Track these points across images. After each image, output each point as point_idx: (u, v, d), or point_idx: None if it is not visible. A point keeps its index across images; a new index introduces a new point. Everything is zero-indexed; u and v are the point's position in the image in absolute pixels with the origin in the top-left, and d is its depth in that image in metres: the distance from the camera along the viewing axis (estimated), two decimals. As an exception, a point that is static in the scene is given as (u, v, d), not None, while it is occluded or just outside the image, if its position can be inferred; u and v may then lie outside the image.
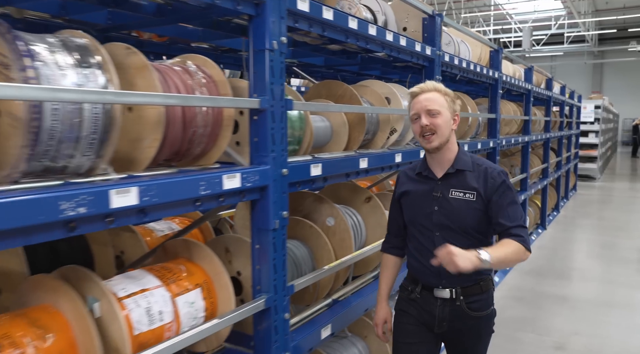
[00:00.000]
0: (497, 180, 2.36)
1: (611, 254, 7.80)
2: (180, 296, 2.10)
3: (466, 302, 2.41)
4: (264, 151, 2.17)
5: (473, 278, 2.40)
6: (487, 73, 5.53)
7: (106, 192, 1.52)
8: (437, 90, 2.37)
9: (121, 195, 1.55)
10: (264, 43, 2.13)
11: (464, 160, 2.42)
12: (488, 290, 2.47)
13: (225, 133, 2.19)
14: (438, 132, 2.32)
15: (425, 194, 2.43)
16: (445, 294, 2.41)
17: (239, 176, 1.99)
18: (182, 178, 1.79)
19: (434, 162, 2.44)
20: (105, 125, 1.70)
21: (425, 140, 2.33)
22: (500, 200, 2.34)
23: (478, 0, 25.65)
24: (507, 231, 2.31)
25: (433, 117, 2.31)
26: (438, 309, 2.43)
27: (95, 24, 2.61)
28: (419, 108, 2.34)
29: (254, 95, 2.18)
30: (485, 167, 2.41)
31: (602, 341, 4.69)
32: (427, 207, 2.42)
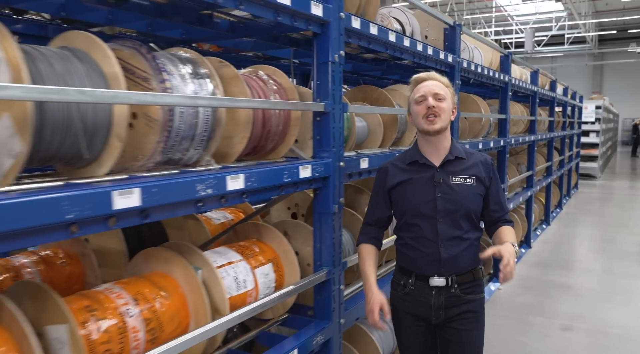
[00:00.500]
0: (490, 167, 2.49)
1: (612, 247, 8.20)
2: (258, 268, 2.51)
3: (460, 289, 2.44)
4: (326, 147, 2.58)
5: (467, 267, 2.46)
6: (498, 77, 5.94)
7: (224, 178, 1.93)
8: (441, 81, 2.44)
9: (233, 181, 1.96)
10: (327, 56, 2.55)
11: (458, 148, 2.49)
12: (480, 277, 2.53)
13: (293, 132, 2.60)
14: (442, 115, 2.36)
15: (425, 182, 2.43)
16: (440, 282, 2.42)
17: (310, 167, 2.41)
18: (272, 167, 2.20)
19: (431, 149, 2.45)
20: (213, 125, 2.11)
21: (429, 121, 2.36)
22: (493, 187, 2.48)
23: (480, 2, 26.07)
24: (502, 218, 2.51)
25: (439, 101, 2.36)
26: (433, 298, 2.44)
27: (169, 37, 3.02)
28: (425, 91, 2.37)
29: (317, 99, 2.60)
30: (476, 155, 2.52)
31: (605, 323, 5.09)
32: (429, 195, 2.41)
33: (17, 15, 2.50)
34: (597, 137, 17.13)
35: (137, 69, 1.91)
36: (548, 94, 9.28)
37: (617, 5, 26.31)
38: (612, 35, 31.15)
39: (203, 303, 2.10)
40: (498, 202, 2.50)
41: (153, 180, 1.69)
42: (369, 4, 3.32)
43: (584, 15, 25.90)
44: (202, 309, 2.11)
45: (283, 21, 2.31)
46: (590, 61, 33.88)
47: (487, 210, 2.50)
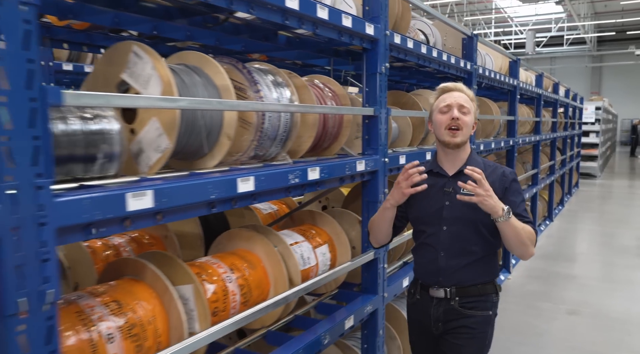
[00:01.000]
0: (508, 177, 2.42)
1: (612, 242, 8.72)
2: (317, 248, 2.96)
3: (460, 302, 2.41)
4: (374, 145, 3.03)
5: (471, 280, 2.42)
6: (508, 81, 6.39)
7: (305, 170, 2.37)
8: (467, 94, 2.45)
9: (312, 172, 2.40)
10: (376, 68, 2.99)
11: (476, 160, 2.46)
12: (488, 294, 2.45)
13: (345, 132, 3.05)
14: (464, 129, 2.36)
15: (436, 190, 2.43)
16: (440, 294, 2.42)
17: (364, 162, 2.85)
18: (338, 162, 2.65)
19: (447, 160, 2.46)
20: (290, 127, 2.56)
21: (451, 133, 2.36)
22: (509, 197, 2.37)
23: (479, 4, 26.53)
24: (522, 221, 2.33)
25: (463, 114, 2.36)
26: (433, 309, 2.44)
27: (229, 49, 3.46)
28: (452, 102, 2.38)
29: (366, 104, 3.04)
30: (495, 166, 2.48)
31: (608, 308, 5.58)
32: (438, 202, 2.43)
33: (113, 33, 2.94)
34: (597, 137, 17.59)
35: (235, 82, 2.35)
36: (551, 96, 9.76)
37: (615, 7, 26.77)
38: (611, 36, 31.60)
39: (282, 274, 2.55)
40: (518, 209, 2.37)
41: (258, 170, 2.14)
42: (402, 19, 3.77)
43: (583, 17, 26.37)
44: (281, 279, 2.55)
45: (344, 40, 2.75)
46: (590, 63, 34.35)
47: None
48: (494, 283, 2.50)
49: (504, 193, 2.37)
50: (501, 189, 2.37)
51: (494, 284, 2.50)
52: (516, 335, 4.85)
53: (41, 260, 1.31)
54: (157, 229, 2.97)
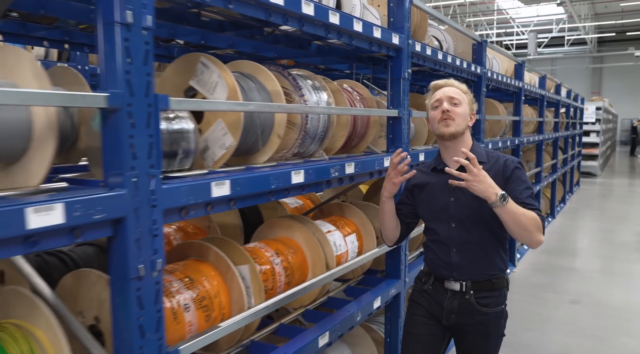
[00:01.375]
0: (510, 166, 2.40)
1: (612, 237, 9.06)
2: (347, 236, 3.25)
3: (475, 297, 2.43)
4: (398, 143, 3.33)
5: (485, 274, 2.45)
6: (513, 83, 6.68)
7: (343, 165, 2.67)
8: (459, 87, 2.46)
9: (349, 167, 2.71)
10: (400, 74, 3.29)
11: (479, 152, 2.43)
12: (500, 288, 2.50)
13: (372, 132, 3.35)
14: (457, 119, 2.36)
15: (441, 186, 2.45)
16: (455, 286, 2.45)
17: (389, 159, 3.14)
18: (369, 159, 2.95)
19: (449, 155, 2.47)
20: (327, 127, 2.86)
21: (443, 123, 2.37)
22: (512, 185, 2.35)
23: (482, 4, 26.79)
24: (526, 207, 2.29)
25: (454, 105, 2.38)
26: (447, 301, 2.47)
27: (262, 56, 3.76)
28: (441, 96, 2.41)
29: (390, 107, 3.34)
30: (498, 156, 2.47)
31: (608, 297, 5.94)
32: (443, 199, 2.45)
33: (163, 42, 3.25)
34: (597, 137, 17.90)
35: (283, 88, 2.65)
36: (554, 97, 10.07)
37: (615, 8, 27.02)
38: (611, 37, 31.86)
39: (320, 258, 2.85)
40: (522, 197, 2.33)
41: (306, 165, 2.44)
42: (420, 27, 4.07)
43: (584, 18, 26.62)
44: (319, 263, 2.85)
45: (374, 49, 3.05)
46: (590, 64, 34.62)
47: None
48: (505, 276, 2.54)
49: (506, 182, 2.36)
50: (503, 178, 2.36)
51: (505, 277, 2.54)
52: (523, 322, 5.17)
53: (152, 235, 1.61)
54: (201, 220, 3.27)
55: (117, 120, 1.49)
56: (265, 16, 2.11)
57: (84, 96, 1.44)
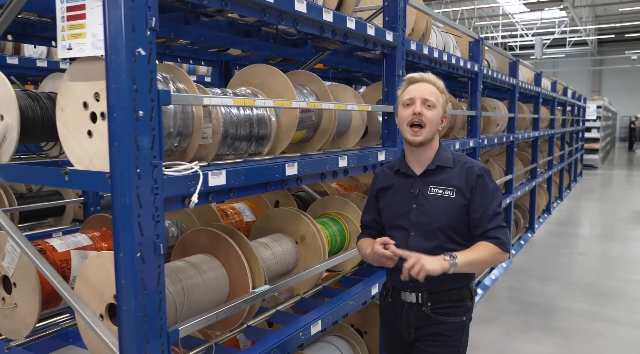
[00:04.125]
0: (475, 175, 2.11)
1: (611, 214, 10.14)
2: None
3: (432, 308, 2.15)
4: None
5: (444, 285, 2.13)
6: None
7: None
8: (436, 85, 2.14)
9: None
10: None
11: (445, 156, 2.16)
12: (462, 299, 2.18)
13: (458, 125, 3.34)
14: (427, 126, 2.07)
15: (404, 192, 2.18)
16: (411, 298, 2.17)
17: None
18: (467, 140, 2.94)
19: (413, 158, 2.18)
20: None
21: (412, 131, 2.08)
22: (477, 198, 2.09)
23: (488, 8, 26.55)
24: (485, 234, 2.07)
25: (428, 108, 2.07)
26: (405, 314, 2.19)
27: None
28: (415, 95, 2.09)
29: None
30: (464, 162, 2.16)
31: (609, 251, 7.32)
32: (405, 206, 2.16)
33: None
34: (598, 133, 18.07)
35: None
36: (562, 98, 10.79)
37: (614, 11, 26.62)
38: (611, 38, 31.41)
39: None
40: (483, 216, 2.08)
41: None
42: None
43: (585, 20, 26.26)
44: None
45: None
46: (591, 65, 34.21)
47: (470, 224, 2.12)
48: (469, 287, 2.22)
49: (472, 192, 2.09)
50: (469, 187, 2.09)
51: (469, 288, 2.22)
52: (545, 265, 6.52)
53: (155, 221, 1.62)
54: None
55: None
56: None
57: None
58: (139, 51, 1.53)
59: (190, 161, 1.88)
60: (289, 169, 2.22)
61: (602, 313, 4.89)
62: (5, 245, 2.08)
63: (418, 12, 3.80)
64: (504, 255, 2.08)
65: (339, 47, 3.26)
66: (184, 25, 2.52)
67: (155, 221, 1.62)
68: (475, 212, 2.09)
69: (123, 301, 1.61)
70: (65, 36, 1.73)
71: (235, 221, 3.09)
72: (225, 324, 2.33)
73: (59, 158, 2.28)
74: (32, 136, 2.09)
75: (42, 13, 2.22)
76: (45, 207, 3.91)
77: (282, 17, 2.23)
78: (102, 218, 2.53)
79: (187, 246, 2.39)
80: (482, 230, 2.08)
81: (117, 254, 1.61)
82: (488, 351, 4.08)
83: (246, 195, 2.10)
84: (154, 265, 1.63)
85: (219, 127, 2.10)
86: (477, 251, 2.04)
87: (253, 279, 2.27)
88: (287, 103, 2.28)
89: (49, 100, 2.15)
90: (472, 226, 2.11)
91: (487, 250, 2.04)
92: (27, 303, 2.05)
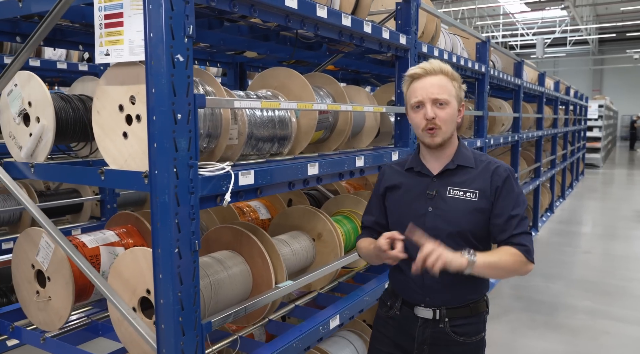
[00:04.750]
0: (502, 176, 1.89)
1: (613, 213, 10.24)
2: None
3: (451, 325, 1.93)
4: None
5: (463, 299, 1.95)
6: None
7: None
8: (444, 72, 1.86)
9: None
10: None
11: (466, 155, 1.94)
12: (479, 313, 1.99)
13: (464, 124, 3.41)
14: (444, 127, 1.84)
15: (418, 193, 1.95)
16: (427, 314, 1.94)
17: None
18: (473, 139, 3.02)
19: (431, 157, 1.95)
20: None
21: (429, 134, 1.85)
22: (502, 202, 1.87)
23: (489, 8, 26.58)
24: (509, 240, 1.86)
25: (440, 108, 1.82)
26: (418, 330, 1.96)
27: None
28: (423, 96, 1.83)
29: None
30: (488, 162, 1.94)
31: (613, 250, 7.40)
32: (419, 208, 1.92)
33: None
34: (600, 132, 18.18)
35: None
36: (565, 98, 10.85)
37: (615, 10, 26.66)
38: (612, 37, 31.45)
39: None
40: (505, 221, 1.87)
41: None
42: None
43: (586, 20, 26.29)
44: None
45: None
46: (592, 65, 34.27)
47: (492, 230, 1.91)
48: (485, 299, 2.04)
49: (496, 195, 1.88)
50: (493, 189, 1.88)
51: (485, 300, 2.04)
52: (549, 264, 6.56)
53: (191, 219, 1.70)
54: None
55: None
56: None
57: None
58: (177, 57, 1.62)
59: (217, 161, 1.96)
60: (311, 169, 2.30)
61: (608, 311, 4.97)
62: (40, 241, 2.16)
63: (428, 15, 3.88)
64: (529, 266, 1.85)
65: (352, 49, 3.34)
66: (207, 30, 2.61)
67: (191, 219, 1.70)
68: (499, 216, 1.87)
69: (161, 295, 1.70)
70: (103, 42, 1.82)
71: (251, 218, 3.17)
72: (248, 318, 2.42)
73: (89, 158, 2.37)
74: (65, 137, 2.18)
75: (75, 19, 2.29)
76: (65, 204, 4.00)
77: (304, 22, 2.31)
78: (126, 216, 2.61)
79: (211, 242, 2.48)
80: (507, 235, 1.86)
81: (155, 250, 1.69)
82: (496, 347, 4.15)
83: (271, 194, 2.17)
84: (190, 261, 1.71)
85: (244, 128, 2.18)
86: (500, 254, 1.82)
87: (275, 275, 2.35)
88: (309, 106, 2.37)
89: (80, 102, 2.24)
90: (496, 232, 1.89)
91: (512, 256, 1.82)
92: (61, 296, 2.14)
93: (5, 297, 3.93)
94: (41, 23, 1.89)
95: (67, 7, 1.83)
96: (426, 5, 3.62)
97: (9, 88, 2.18)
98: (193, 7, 1.66)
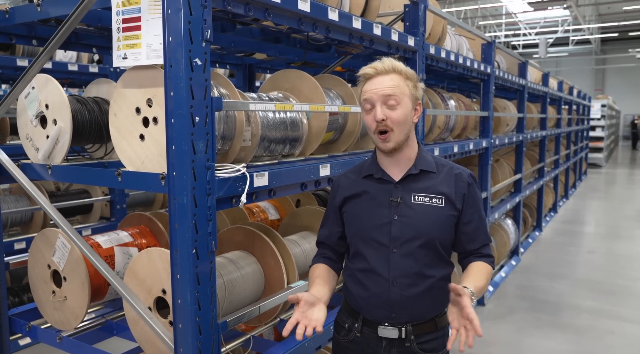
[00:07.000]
0: (465, 182, 1.81)
1: (617, 212, 10.26)
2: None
3: (417, 342, 1.79)
4: (487, 133, 3.43)
5: (429, 313, 1.81)
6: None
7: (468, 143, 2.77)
8: (396, 71, 1.73)
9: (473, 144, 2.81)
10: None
11: (427, 159, 1.83)
12: (443, 326, 1.85)
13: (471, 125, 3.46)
14: (396, 129, 1.70)
15: (380, 201, 1.79)
16: (392, 333, 1.78)
17: (484, 141, 3.27)
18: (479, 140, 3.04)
19: (390, 162, 1.80)
20: (455, 123, 2.96)
21: (381, 139, 1.71)
22: (469, 210, 1.80)
23: (491, 8, 26.56)
24: (479, 251, 1.83)
25: (391, 108, 1.69)
26: (383, 351, 1.80)
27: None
28: (373, 95, 1.70)
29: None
30: (450, 167, 1.84)
31: (617, 249, 7.41)
32: (383, 217, 1.77)
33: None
34: (603, 131, 18.19)
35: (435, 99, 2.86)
36: (568, 98, 10.89)
37: (617, 9, 26.63)
38: (614, 37, 31.43)
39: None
40: (474, 229, 1.81)
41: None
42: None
43: (588, 19, 26.27)
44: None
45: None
46: (594, 64, 34.25)
47: (459, 239, 1.83)
48: (445, 311, 1.85)
49: (463, 203, 1.79)
50: (459, 195, 1.78)
51: (445, 312, 1.85)
52: (553, 263, 6.64)
53: (208, 220, 1.72)
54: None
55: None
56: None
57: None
58: (195, 61, 1.64)
59: (231, 163, 1.99)
60: (322, 170, 2.33)
61: (613, 311, 4.99)
62: (56, 242, 2.19)
63: (435, 17, 3.90)
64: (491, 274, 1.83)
65: (361, 51, 3.36)
66: (220, 33, 2.63)
67: (208, 220, 1.72)
68: (468, 225, 1.80)
69: (178, 295, 1.72)
70: (121, 46, 1.84)
71: (261, 219, 3.20)
72: (260, 318, 2.44)
73: (104, 160, 2.39)
74: (81, 139, 2.20)
75: (91, 23, 2.32)
76: (76, 205, 4.03)
77: (316, 25, 2.34)
78: (139, 216, 2.63)
79: (223, 243, 2.50)
80: (478, 245, 1.82)
81: (173, 250, 1.71)
82: (502, 346, 4.18)
83: (284, 195, 2.19)
84: (207, 261, 1.74)
85: (257, 130, 2.21)
86: (481, 275, 1.74)
87: (287, 275, 2.38)
88: (320, 108, 2.39)
89: (95, 104, 2.26)
90: (464, 241, 1.82)
91: (488, 273, 1.77)
92: (77, 296, 2.17)
93: (17, 296, 3.96)
94: (60, 27, 1.91)
95: (86, 10, 1.85)
96: (434, 7, 3.64)
97: (26, 91, 2.21)
98: (211, 11, 1.69)
